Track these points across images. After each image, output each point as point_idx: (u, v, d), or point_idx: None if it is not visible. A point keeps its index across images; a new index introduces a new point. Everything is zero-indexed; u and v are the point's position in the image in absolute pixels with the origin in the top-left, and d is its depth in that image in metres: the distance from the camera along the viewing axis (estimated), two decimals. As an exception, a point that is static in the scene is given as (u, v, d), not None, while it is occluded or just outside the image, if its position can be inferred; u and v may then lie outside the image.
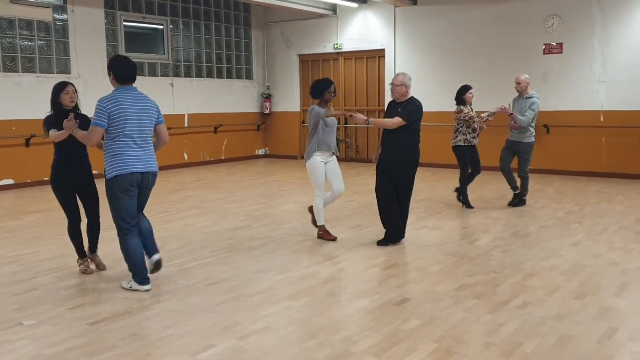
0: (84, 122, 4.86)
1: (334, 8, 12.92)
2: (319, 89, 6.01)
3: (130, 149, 4.38)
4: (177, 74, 12.21)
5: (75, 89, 4.96)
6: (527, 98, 7.46)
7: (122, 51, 11.20)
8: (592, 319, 3.90)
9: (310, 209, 6.39)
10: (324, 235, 6.16)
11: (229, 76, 13.40)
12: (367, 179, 10.75)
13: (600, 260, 5.28)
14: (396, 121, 5.64)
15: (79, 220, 5.04)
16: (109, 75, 4.54)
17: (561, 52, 10.50)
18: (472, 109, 7.69)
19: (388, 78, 12.49)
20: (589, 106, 10.20)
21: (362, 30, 12.77)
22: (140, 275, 4.55)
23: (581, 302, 4.21)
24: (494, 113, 7.47)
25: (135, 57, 11.45)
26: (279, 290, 4.58)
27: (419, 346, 3.49)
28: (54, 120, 4.80)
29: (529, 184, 7.81)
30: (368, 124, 6.00)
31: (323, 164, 5.98)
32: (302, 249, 5.83)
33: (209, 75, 12.90)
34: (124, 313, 4.11)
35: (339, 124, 13.44)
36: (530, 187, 9.22)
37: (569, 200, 8.14)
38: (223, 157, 13.35)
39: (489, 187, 9.33)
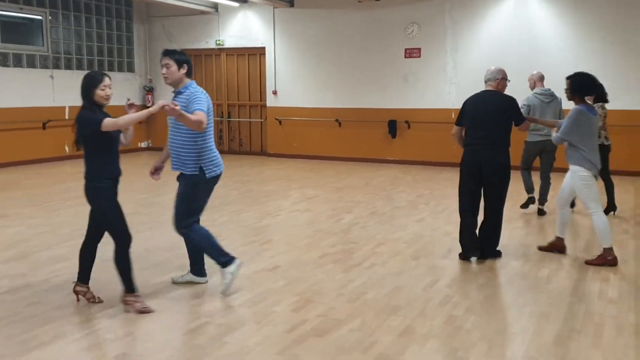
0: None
1: (215, 6, 13.48)
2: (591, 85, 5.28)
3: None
4: (57, 66, 12.20)
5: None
6: None
7: (-2, 42, 11.07)
8: (422, 274, 4.96)
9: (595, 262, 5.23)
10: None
11: (111, 69, 13.52)
12: (249, 169, 11.51)
13: (437, 232, 6.44)
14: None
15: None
16: (182, 67, 4.33)
17: (420, 57, 11.85)
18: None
19: (269, 75, 13.31)
20: (442, 104, 11.62)
21: (244, 28, 13.45)
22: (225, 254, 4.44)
23: (416, 262, 5.28)
24: None
25: (13, 48, 11.36)
26: (168, 264, 5.24)
27: (285, 299, 4.34)
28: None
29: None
30: None
31: None
32: (187, 231, 6.48)
33: (90, 67, 12.95)
34: (24, 287, 4.59)
35: (228, 117, 14.11)
36: (392, 176, 10.48)
37: (421, 186, 9.41)
38: (106, 149, 13.45)
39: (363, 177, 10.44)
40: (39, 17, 11.87)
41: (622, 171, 10.38)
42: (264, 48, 13.28)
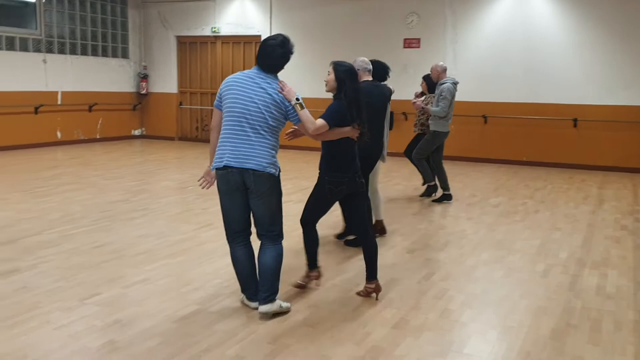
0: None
1: (212, -7, 13.33)
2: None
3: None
4: (50, 50, 12.02)
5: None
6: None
7: (-10, 24, 10.88)
8: (417, 267, 4.89)
9: None
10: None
11: (105, 54, 13.35)
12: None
13: (432, 225, 6.37)
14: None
15: None
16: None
17: (419, 47, 11.75)
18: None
19: (264, 64, 13.14)
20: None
21: (240, 16, 13.29)
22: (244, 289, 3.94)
23: (411, 255, 5.21)
24: None
25: (6, 31, 11.18)
26: (159, 251, 5.14)
27: (278, 288, 4.24)
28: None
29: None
30: None
31: None
32: (180, 219, 6.39)
33: (84, 52, 12.79)
34: (12, 271, 4.48)
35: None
36: (387, 168, 10.37)
37: (418, 178, 9.30)
38: (98, 137, 13.32)
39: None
40: (33, 0, 11.69)
41: (621, 168, 10.35)
42: (260, 36, 13.13)
